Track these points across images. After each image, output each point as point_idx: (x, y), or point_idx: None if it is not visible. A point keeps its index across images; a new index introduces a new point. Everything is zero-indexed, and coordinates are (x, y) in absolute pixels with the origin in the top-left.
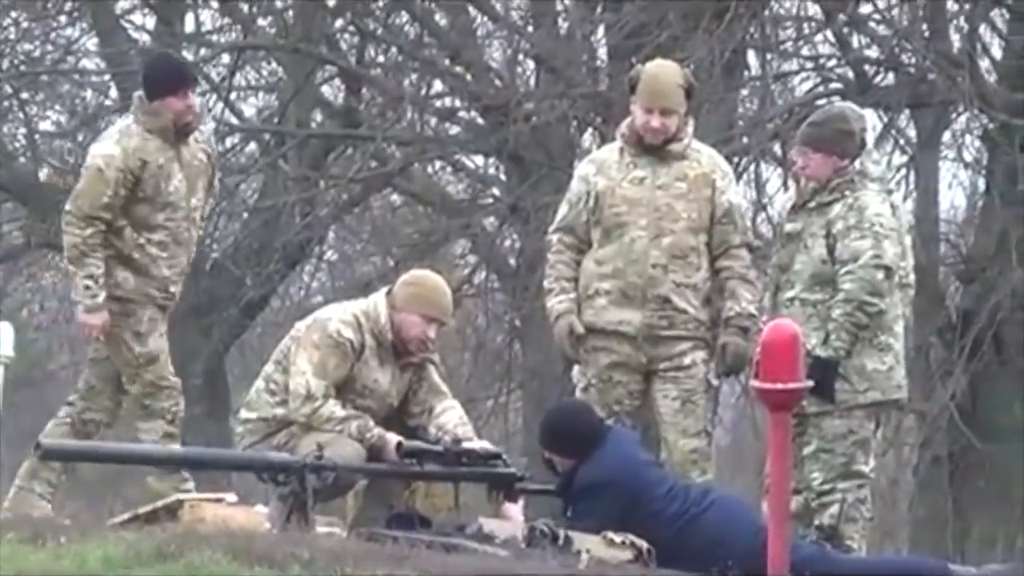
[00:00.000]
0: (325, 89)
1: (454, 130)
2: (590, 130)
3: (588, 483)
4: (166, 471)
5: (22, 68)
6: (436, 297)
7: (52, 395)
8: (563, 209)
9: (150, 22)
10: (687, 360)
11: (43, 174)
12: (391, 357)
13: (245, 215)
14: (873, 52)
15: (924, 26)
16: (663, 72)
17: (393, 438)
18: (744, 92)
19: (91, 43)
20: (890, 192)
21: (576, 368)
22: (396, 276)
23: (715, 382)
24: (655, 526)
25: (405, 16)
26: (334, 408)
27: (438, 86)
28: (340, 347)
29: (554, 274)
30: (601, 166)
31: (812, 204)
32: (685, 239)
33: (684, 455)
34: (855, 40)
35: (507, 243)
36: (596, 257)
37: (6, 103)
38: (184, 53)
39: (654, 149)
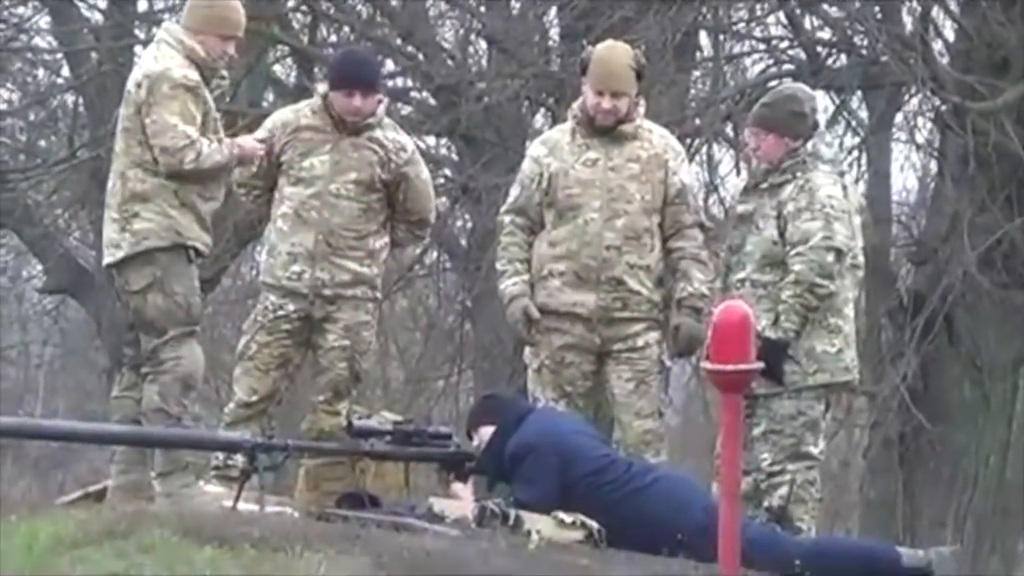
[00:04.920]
0: (277, 68)
1: (406, 110)
2: (542, 110)
3: (516, 451)
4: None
5: None
6: (233, 16)
7: (2, 373)
8: (515, 190)
9: (102, 1)
10: (641, 341)
11: None
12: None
13: None
14: (825, 34)
15: (876, 8)
16: (614, 54)
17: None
18: (696, 73)
19: (43, 21)
20: (842, 174)
21: (528, 349)
22: None
23: (668, 363)
24: (598, 492)
25: None
26: (207, 141)
27: (390, 66)
28: (193, 89)
29: (507, 256)
30: (553, 147)
31: (764, 185)
32: (638, 220)
33: (638, 436)
34: (807, 22)
35: (459, 223)
36: (549, 239)
37: None
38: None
39: (606, 130)
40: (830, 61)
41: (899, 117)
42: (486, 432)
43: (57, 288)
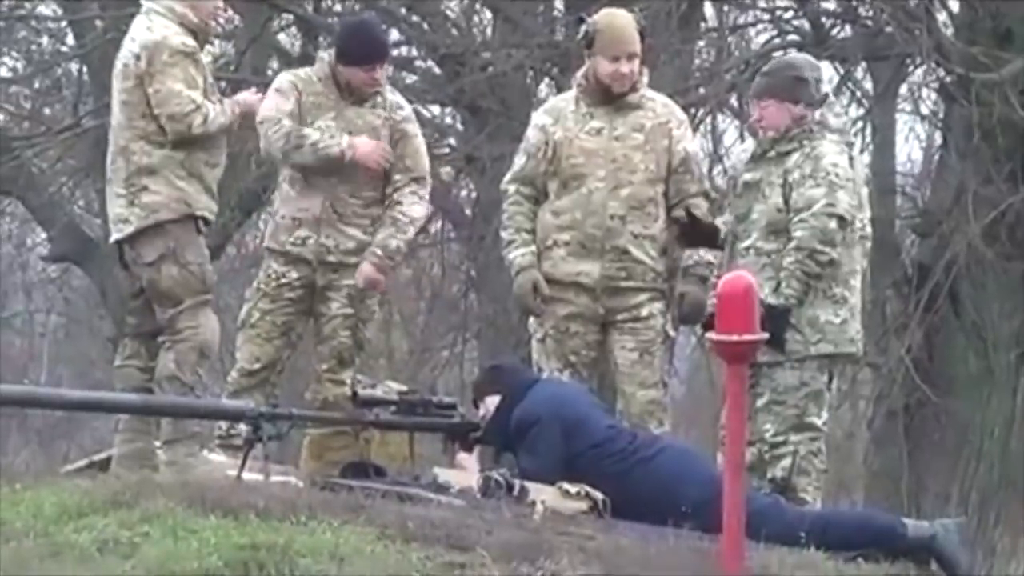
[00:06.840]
0: (282, 37)
1: (411, 79)
2: (547, 80)
3: (521, 420)
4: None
5: None
6: None
7: (5, 341)
8: (520, 159)
9: None
10: (645, 311)
11: None
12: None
13: None
14: (830, 4)
15: None
16: (621, 18)
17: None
18: (701, 44)
19: None
20: (850, 144)
21: (532, 319)
22: None
23: (672, 333)
24: (603, 463)
25: None
26: (211, 104)
27: (395, 35)
28: (191, 55)
29: (513, 225)
30: (558, 116)
31: (771, 154)
32: (643, 190)
33: (642, 406)
34: None
35: (463, 193)
36: (553, 208)
37: None
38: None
39: (610, 99)
40: (835, 32)
41: (904, 88)
42: (491, 402)
43: (61, 256)
